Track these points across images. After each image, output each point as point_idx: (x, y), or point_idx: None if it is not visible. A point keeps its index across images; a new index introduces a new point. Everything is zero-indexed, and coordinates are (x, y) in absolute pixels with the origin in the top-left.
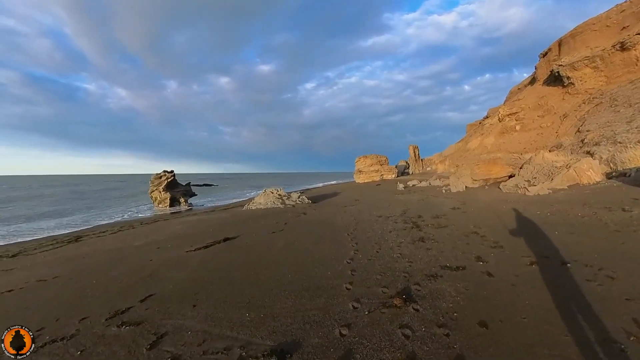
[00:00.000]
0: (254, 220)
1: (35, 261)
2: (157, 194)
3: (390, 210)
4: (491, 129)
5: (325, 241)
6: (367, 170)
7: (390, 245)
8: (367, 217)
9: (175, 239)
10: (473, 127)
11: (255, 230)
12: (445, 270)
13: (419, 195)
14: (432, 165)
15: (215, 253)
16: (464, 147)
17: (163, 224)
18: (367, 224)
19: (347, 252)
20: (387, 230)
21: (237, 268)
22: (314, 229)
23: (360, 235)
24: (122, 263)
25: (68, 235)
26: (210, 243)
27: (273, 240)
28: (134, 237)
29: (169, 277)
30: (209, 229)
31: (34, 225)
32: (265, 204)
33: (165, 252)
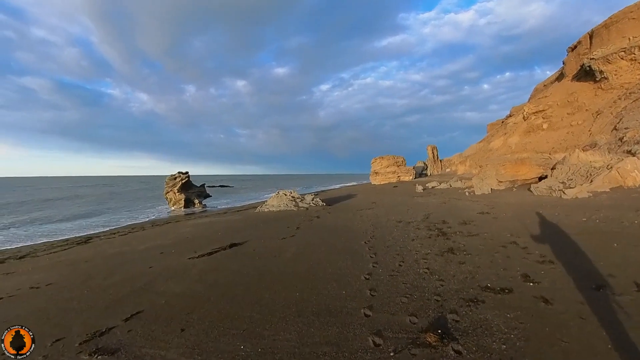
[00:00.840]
0: (265, 223)
1: (38, 264)
2: (171, 195)
3: (410, 215)
4: (515, 127)
5: (340, 250)
6: (384, 171)
7: (415, 257)
8: (385, 222)
9: (181, 243)
10: (495, 127)
11: (265, 235)
12: (487, 293)
13: (440, 198)
14: (452, 166)
15: (219, 262)
16: (486, 147)
17: (173, 226)
18: (386, 230)
19: (364, 265)
20: (410, 238)
21: (240, 282)
22: (328, 235)
23: (379, 243)
24: (120, 269)
25: (79, 238)
26: (215, 249)
27: (283, 248)
28: (141, 240)
29: (163, 291)
30: (218, 232)
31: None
32: (278, 207)
33: (167, 259)
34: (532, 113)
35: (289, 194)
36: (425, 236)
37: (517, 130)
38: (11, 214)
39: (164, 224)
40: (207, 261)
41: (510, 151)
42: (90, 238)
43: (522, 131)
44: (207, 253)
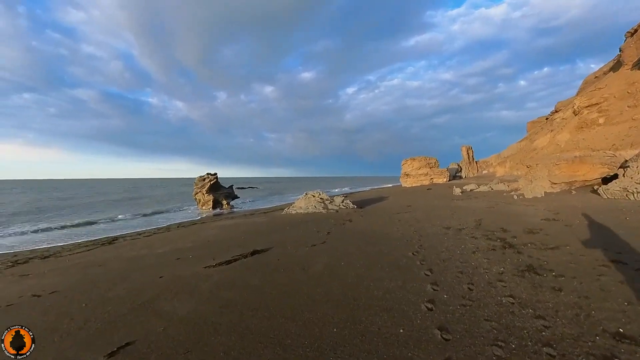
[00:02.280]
0: (292, 227)
1: (56, 266)
2: (200, 196)
3: (458, 220)
4: (564, 123)
5: (384, 264)
6: (415, 173)
7: (486, 277)
8: (430, 228)
9: (201, 247)
10: (537, 124)
11: (292, 240)
12: (622, 344)
13: (484, 202)
14: (489, 167)
15: (237, 273)
16: (529, 146)
17: (198, 228)
18: (435, 239)
19: (421, 287)
20: (468, 249)
21: (258, 305)
22: (364, 243)
23: (431, 256)
24: (130, 278)
25: (107, 238)
26: (235, 257)
27: (312, 258)
28: (163, 243)
29: (166, 311)
30: (242, 235)
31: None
32: (305, 209)
33: (181, 266)
34: (584, 107)
35: (317, 195)
36: (487, 247)
37: (566, 126)
38: (62, 216)
39: (190, 225)
40: (224, 272)
41: (559, 149)
42: (116, 239)
43: (573, 127)
44: (226, 261)
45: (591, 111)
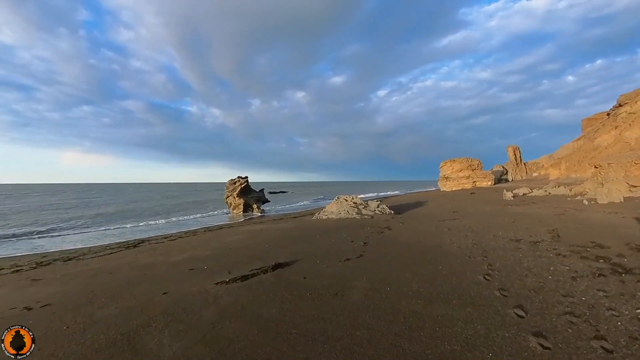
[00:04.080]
0: (322, 234)
1: (70, 271)
2: (231, 200)
3: (524, 231)
4: (632, 118)
5: (446, 293)
6: (456, 176)
7: (622, 325)
8: (494, 240)
9: (220, 256)
10: (594, 121)
11: (322, 251)
12: None
13: (548, 208)
14: (540, 170)
15: (250, 296)
16: (589, 145)
17: (222, 233)
18: (505, 254)
19: (518, 341)
20: (563, 274)
21: (268, 352)
22: (411, 258)
23: (512, 283)
24: (131, 292)
25: (133, 241)
26: (254, 270)
27: (345, 278)
28: (182, 249)
29: (147, 350)
30: (266, 243)
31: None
32: (337, 214)
33: (191, 280)
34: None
35: (350, 199)
36: (589, 271)
37: (636, 121)
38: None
39: (217, 229)
40: (236, 292)
41: (629, 147)
42: (143, 241)
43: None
44: (242, 277)
45: None
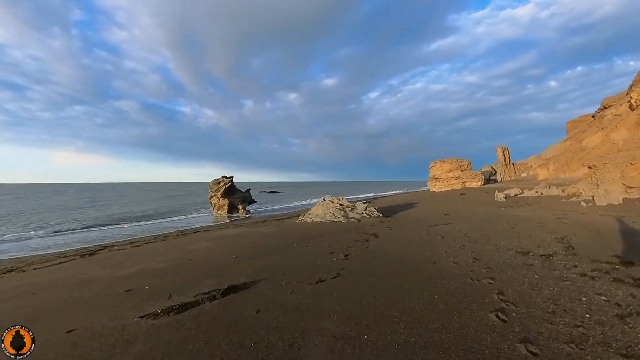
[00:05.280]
0: (300, 242)
1: (5, 287)
2: (215, 200)
3: (529, 239)
4: (618, 120)
5: (448, 346)
6: (445, 177)
7: None
8: (496, 253)
9: (174, 270)
10: (579, 124)
11: (293, 267)
12: None
13: (545, 211)
14: (529, 170)
15: (178, 342)
16: (576, 146)
17: (193, 239)
18: (513, 273)
19: None
20: (603, 308)
21: None
22: (399, 280)
23: (537, 324)
24: (35, 324)
25: (95, 247)
26: (200, 296)
27: (312, 313)
28: (139, 259)
29: None
30: (235, 252)
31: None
32: (323, 217)
33: (119, 308)
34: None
35: (336, 201)
36: (631, 300)
37: (622, 123)
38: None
39: (193, 233)
40: (161, 333)
41: (616, 149)
42: (105, 247)
43: (633, 123)
44: (179, 306)
45: None
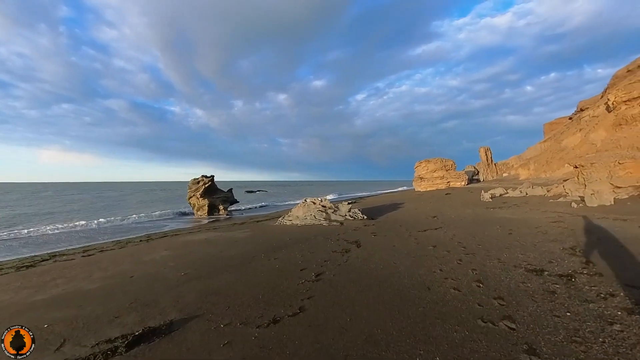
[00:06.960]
0: (269, 252)
1: None
2: (195, 200)
3: (532, 250)
4: (596, 121)
5: None
6: (430, 176)
7: None
8: (500, 270)
9: (101, 293)
10: (556, 125)
11: (246, 293)
12: None
13: (534, 212)
14: (510, 170)
15: None
16: (555, 146)
17: (152, 246)
18: (536, 308)
19: None
20: None
21: None
22: (384, 314)
23: None
24: None
25: (43, 255)
26: (103, 347)
27: None
28: (74, 275)
29: None
30: (188, 268)
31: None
32: (303, 219)
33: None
34: (622, 102)
35: (318, 202)
36: None
37: (600, 124)
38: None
39: (160, 237)
40: None
41: (594, 149)
42: (54, 256)
43: (610, 125)
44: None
45: (632, 106)
